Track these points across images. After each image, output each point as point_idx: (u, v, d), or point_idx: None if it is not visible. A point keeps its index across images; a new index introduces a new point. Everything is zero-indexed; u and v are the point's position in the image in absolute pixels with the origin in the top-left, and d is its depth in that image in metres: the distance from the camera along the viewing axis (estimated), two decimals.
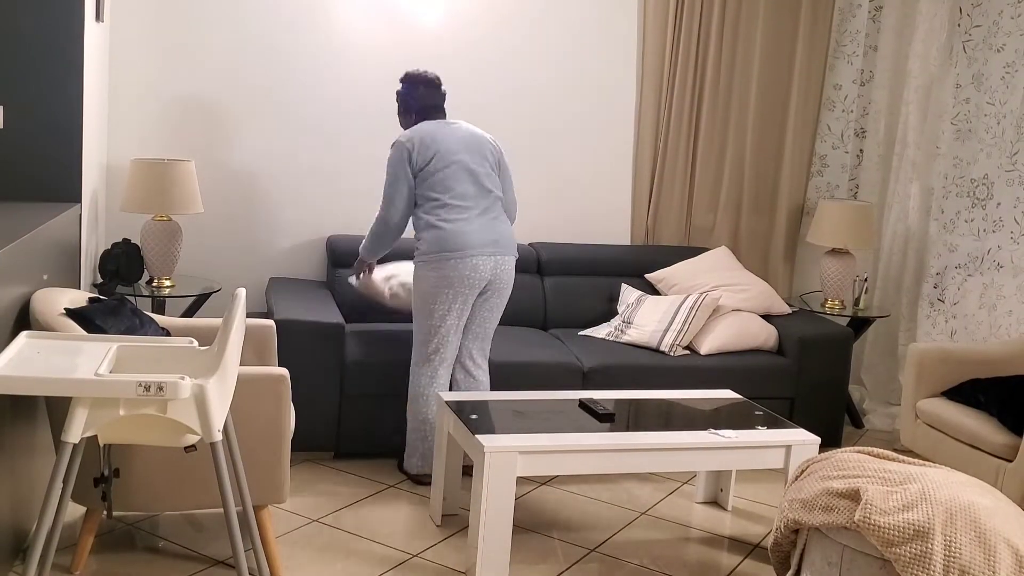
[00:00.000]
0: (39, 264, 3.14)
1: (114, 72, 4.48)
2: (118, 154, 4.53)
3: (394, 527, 3.53)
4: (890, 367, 5.37)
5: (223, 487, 2.59)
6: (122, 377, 2.36)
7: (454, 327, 3.82)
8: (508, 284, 3.90)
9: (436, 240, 3.76)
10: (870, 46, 5.40)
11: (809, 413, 4.55)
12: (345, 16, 4.72)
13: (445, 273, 3.74)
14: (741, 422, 3.51)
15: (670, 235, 5.28)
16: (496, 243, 3.81)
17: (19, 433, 2.92)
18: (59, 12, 3.61)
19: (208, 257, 4.71)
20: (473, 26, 4.90)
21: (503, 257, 3.83)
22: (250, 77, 4.64)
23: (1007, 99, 4.71)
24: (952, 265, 4.99)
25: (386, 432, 4.10)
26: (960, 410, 3.93)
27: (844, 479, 2.72)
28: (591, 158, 5.18)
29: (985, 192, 4.82)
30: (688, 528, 3.71)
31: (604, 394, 3.77)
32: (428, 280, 3.77)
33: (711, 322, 4.60)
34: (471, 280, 3.76)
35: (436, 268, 3.75)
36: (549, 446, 3.14)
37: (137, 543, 3.26)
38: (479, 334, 3.93)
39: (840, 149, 5.45)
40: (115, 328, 2.97)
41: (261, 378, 2.95)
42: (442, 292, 3.76)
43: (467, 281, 3.75)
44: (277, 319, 3.92)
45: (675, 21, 5.11)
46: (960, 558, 2.44)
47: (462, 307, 3.81)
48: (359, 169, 4.84)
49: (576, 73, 5.09)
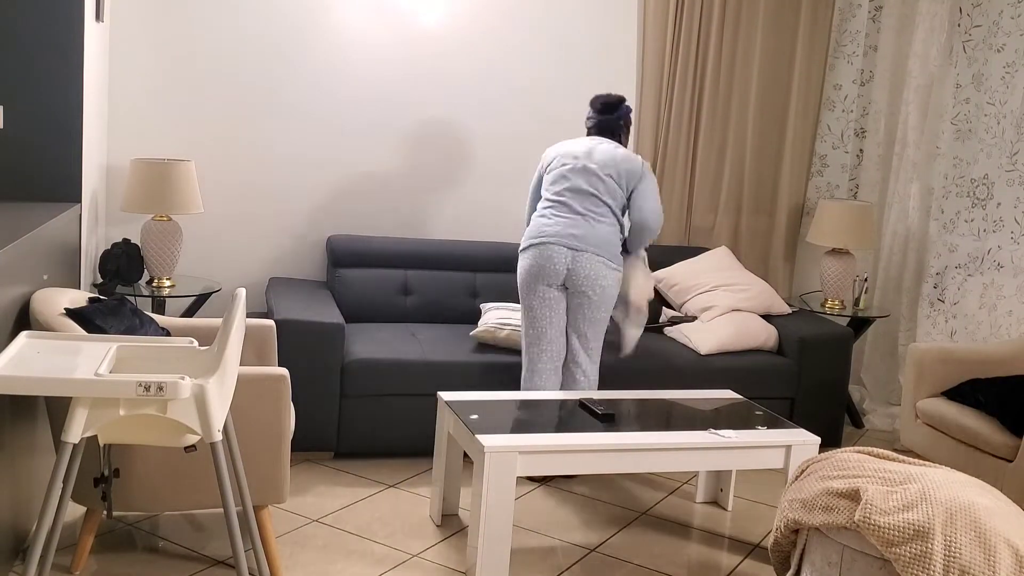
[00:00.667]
0: (39, 264, 3.14)
1: (114, 72, 4.48)
2: (118, 154, 4.53)
3: (394, 527, 3.53)
4: (890, 367, 5.37)
5: (223, 487, 2.58)
6: (122, 377, 2.36)
7: (548, 319, 3.95)
8: (589, 282, 3.89)
9: (528, 231, 3.99)
10: (870, 46, 5.40)
11: (809, 413, 4.56)
12: (345, 15, 4.72)
13: (530, 261, 3.93)
14: (741, 422, 3.51)
15: (670, 235, 5.28)
16: (578, 239, 3.89)
17: (19, 433, 2.92)
18: (59, 12, 3.61)
19: (208, 257, 4.71)
20: (473, 25, 4.90)
21: (583, 253, 3.88)
22: (250, 77, 4.64)
23: (1007, 99, 4.71)
24: (952, 265, 4.99)
25: (386, 432, 4.10)
26: (960, 410, 3.93)
27: (844, 479, 2.72)
28: None
29: (985, 192, 4.82)
30: (688, 528, 3.71)
31: (604, 394, 3.77)
32: (519, 268, 4.01)
33: (712, 322, 4.60)
34: (548, 269, 3.89)
35: (524, 256, 3.97)
36: (549, 446, 3.14)
37: (137, 543, 3.26)
38: (571, 331, 4.01)
39: (840, 149, 5.45)
40: (115, 328, 2.97)
41: (261, 378, 2.95)
42: (530, 280, 3.94)
43: (545, 270, 3.89)
44: (277, 319, 3.92)
45: (675, 21, 5.11)
46: (960, 558, 2.44)
47: (549, 297, 3.92)
48: (359, 169, 4.84)
49: (576, 73, 5.09)
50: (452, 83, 4.92)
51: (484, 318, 4.36)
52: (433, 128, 4.92)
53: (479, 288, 4.78)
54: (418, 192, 4.95)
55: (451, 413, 3.43)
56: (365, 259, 4.65)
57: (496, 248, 4.86)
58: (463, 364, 4.12)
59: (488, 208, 5.07)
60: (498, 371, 4.15)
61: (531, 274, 3.93)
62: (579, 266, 3.88)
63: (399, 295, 4.65)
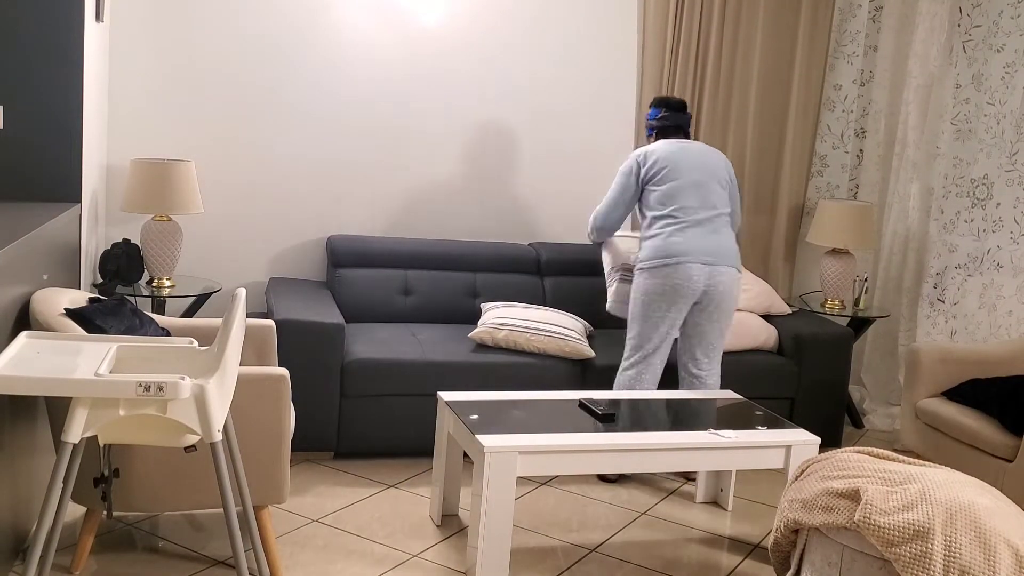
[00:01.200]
0: (39, 264, 3.14)
1: (114, 72, 4.48)
2: (118, 154, 4.53)
3: (394, 527, 3.53)
4: (890, 367, 5.37)
5: (223, 487, 2.58)
6: (122, 377, 2.36)
7: (666, 335, 3.97)
8: (727, 295, 3.97)
9: (655, 248, 3.93)
10: (870, 46, 5.40)
11: (809, 413, 4.56)
12: (345, 15, 4.72)
13: (660, 281, 3.89)
14: (741, 422, 3.51)
15: None
16: (712, 253, 3.92)
17: (19, 433, 2.92)
18: (59, 12, 3.61)
19: (208, 257, 4.71)
20: (473, 25, 4.90)
21: (719, 267, 3.92)
22: (250, 77, 4.64)
23: (1007, 99, 4.71)
24: (952, 265, 4.99)
25: (386, 432, 4.10)
26: (960, 410, 3.93)
27: (844, 479, 2.72)
28: (591, 158, 5.18)
29: (985, 192, 4.82)
30: (688, 528, 3.71)
31: (604, 394, 3.77)
32: (644, 287, 3.94)
33: None
34: (685, 289, 3.88)
35: (653, 275, 3.91)
36: (549, 446, 3.14)
37: (137, 543, 3.26)
38: (696, 343, 4.04)
39: (840, 149, 5.45)
40: (115, 328, 2.97)
41: (261, 378, 2.95)
42: (657, 299, 3.91)
43: (681, 289, 3.88)
44: (277, 319, 3.92)
45: (675, 21, 5.11)
46: (960, 558, 2.44)
47: (676, 316, 3.94)
48: (359, 169, 4.84)
49: (576, 72, 5.09)
50: (452, 83, 4.92)
51: (484, 318, 4.36)
52: (433, 128, 4.92)
53: (479, 288, 4.78)
54: (418, 192, 4.95)
55: (451, 413, 3.43)
56: (365, 259, 4.65)
57: (496, 248, 4.86)
58: (463, 364, 4.12)
59: (488, 208, 5.07)
60: (498, 371, 4.15)
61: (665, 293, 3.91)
62: (718, 281, 3.94)
63: (399, 295, 4.65)
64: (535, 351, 4.25)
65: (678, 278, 3.89)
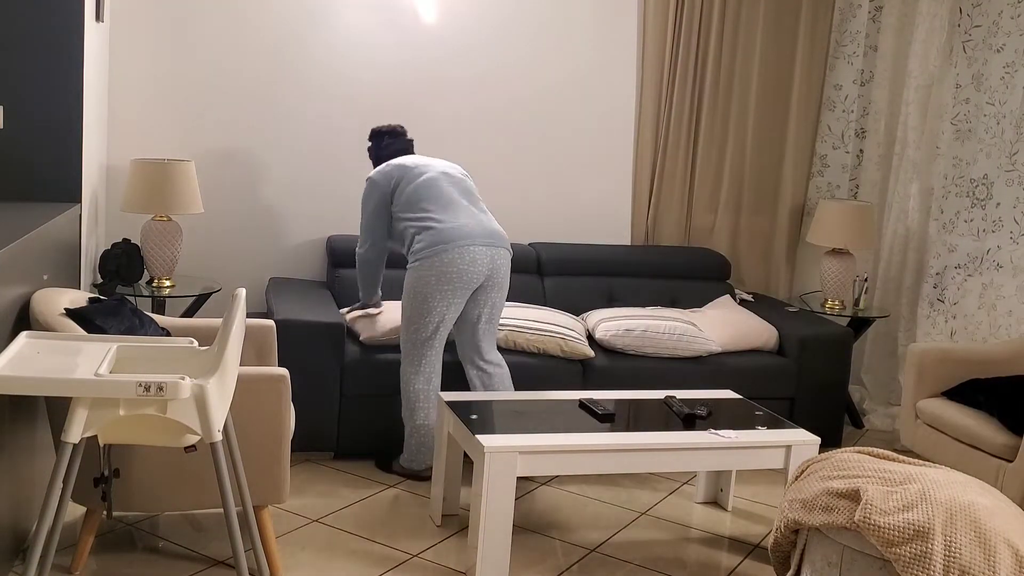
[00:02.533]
0: (39, 264, 3.14)
1: (114, 72, 4.48)
2: (118, 154, 4.53)
3: (394, 527, 3.53)
4: (890, 367, 5.37)
5: (223, 487, 2.58)
6: (122, 377, 2.36)
7: (448, 324, 3.83)
8: (506, 278, 3.90)
9: (432, 237, 3.76)
10: (870, 46, 5.40)
11: (809, 413, 4.55)
12: (345, 17, 4.72)
13: (443, 268, 3.73)
14: (741, 422, 3.51)
15: (670, 235, 5.28)
16: (492, 235, 3.83)
17: (19, 433, 2.92)
18: (59, 12, 3.61)
19: (208, 257, 4.71)
20: (473, 26, 4.90)
21: (499, 250, 3.85)
22: (250, 77, 4.64)
23: (1007, 99, 4.71)
24: (952, 265, 4.99)
25: (386, 432, 4.10)
26: (960, 410, 3.93)
27: (844, 479, 2.72)
28: (591, 158, 5.18)
29: (985, 192, 4.82)
30: (688, 528, 3.71)
31: (604, 394, 3.77)
32: (424, 278, 3.75)
33: (713, 322, 4.60)
34: (469, 273, 3.75)
35: (433, 264, 3.74)
36: (549, 446, 3.14)
37: (137, 543, 3.26)
38: (486, 331, 3.93)
39: (840, 149, 5.45)
40: (115, 328, 2.97)
41: (261, 378, 2.95)
42: (439, 288, 3.74)
43: (465, 274, 3.75)
44: (277, 319, 3.92)
45: (675, 21, 5.11)
46: (960, 558, 2.44)
47: (459, 303, 3.81)
48: (359, 169, 4.84)
49: (576, 73, 5.09)
50: (452, 83, 4.92)
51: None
52: (433, 128, 4.92)
53: None
54: None
55: (451, 413, 3.43)
56: None
57: None
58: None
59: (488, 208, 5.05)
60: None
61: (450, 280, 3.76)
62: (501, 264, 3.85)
63: (400, 295, 4.64)
64: (535, 351, 4.25)
65: (462, 262, 3.73)
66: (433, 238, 3.75)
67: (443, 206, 3.83)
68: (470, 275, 3.76)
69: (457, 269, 3.73)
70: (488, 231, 3.83)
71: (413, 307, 3.81)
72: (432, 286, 3.75)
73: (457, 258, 3.72)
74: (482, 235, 3.79)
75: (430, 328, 3.80)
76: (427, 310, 3.78)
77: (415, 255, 3.79)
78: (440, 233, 3.76)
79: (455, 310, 3.81)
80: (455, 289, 3.76)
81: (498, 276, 3.85)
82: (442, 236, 3.75)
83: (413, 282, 3.79)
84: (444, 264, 3.72)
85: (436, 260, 3.73)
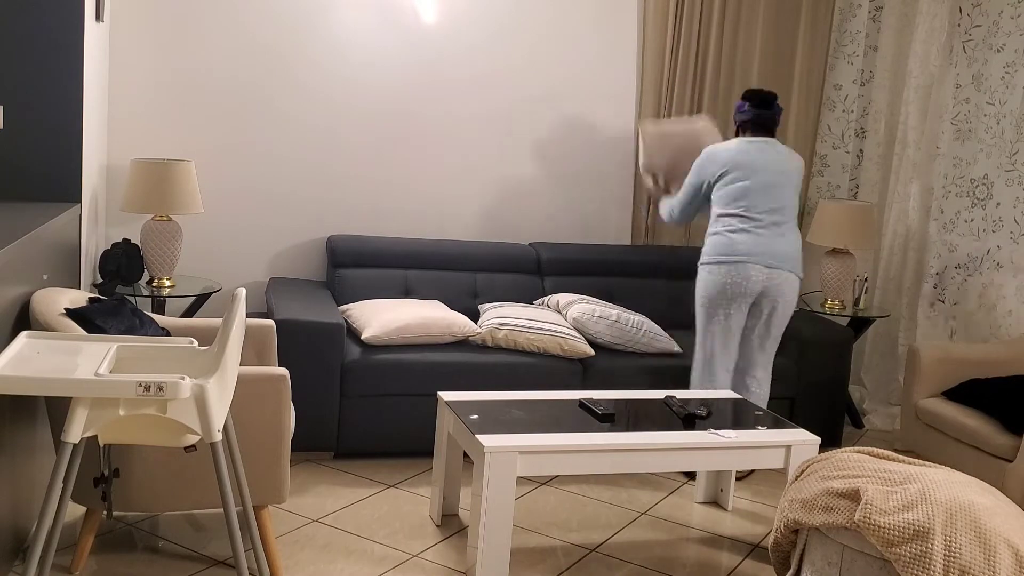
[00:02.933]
0: (39, 264, 3.14)
1: (114, 72, 4.48)
2: (118, 154, 4.53)
3: (394, 527, 3.53)
4: (890, 367, 5.37)
5: (223, 487, 2.58)
6: (122, 377, 2.36)
7: (728, 333, 4.03)
8: (786, 300, 4.05)
9: (717, 245, 4.00)
10: (870, 46, 5.40)
11: (809, 413, 4.56)
12: (345, 17, 4.72)
13: (720, 279, 3.96)
14: (741, 422, 3.52)
15: (670, 235, 5.28)
16: (775, 256, 3.98)
17: (19, 433, 2.92)
18: (59, 12, 3.61)
19: (208, 257, 4.71)
20: (474, 27, 4.90)
21: (779, 271, 4.00)
22: (250, 77, 4.64)
23: (1007, 99, 4.71)
24: (952, 265, 4.99)
25: (386, 432, 4.10)
26: (960, 410, 3.93)
27: (844, 479, 2.72)
28: (591, 158, 5.19)
29: (985, 192, 4.82)
30: (688, 528, 3.71)
31: (604, 394, 3.77)
32: (707, 283, 4.02)
33: None
34: (743, 288, 3.95)
35: (714, 272, 3.99)
36: (549, 446, 3.14)
37: (137, 543, 3.26)
38: (757, 346, 4.12)
39: (840, 149, 5.45)
40: (115, 328, 2.97)
41: (261, 378, 2.95)
42: (717, 297, 3.98)
43: (738, 288, 3.95)
44: (277, 319, 3.92)
45: (675, 21, 5.11)
46: (960, 558, 2.44)
47: (737, 314, 4.00)
48: (359, 169, 4.84)
49: (576, 73, 5.09)
50: (452, 84, 4.92)
51: (483, 318, 4.36)
52: (433, 128, 4.92)
53: (479, 288, 4.77)
54: (418, 192, 4.95)
55: (451, 413, 3.43)
56: (365, 259, 4.65)
57: (496, 248, 4.86)
58: (463, 364, 4.12)
59: (488, 208, 5.07)
60: (498, 371, 4.15)
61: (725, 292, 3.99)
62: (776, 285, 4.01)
63: (399, 295, 4.64)
64: (535, 351, 4.25)
65: (737, 277, 3.95)
66: (727, 247, 3.98)
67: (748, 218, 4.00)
68: (745, 289, 3.97)
69: (732, 282, 3.96)
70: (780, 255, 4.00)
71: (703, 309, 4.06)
72: (713, 294, 4.00)
73: (735, 272, 3.95)
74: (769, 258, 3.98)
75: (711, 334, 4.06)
76: (708, 316, 4.03)
77: (707, 256, 4.03)
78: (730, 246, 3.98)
79: (734, 322, 4.03)
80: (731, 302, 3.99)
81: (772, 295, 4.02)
82: (734, 248, 3.97)
83: (700, 285, 4.06)
84: (723, 275, 3.97)
85: (721, 270, 3.97)
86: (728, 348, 4.07)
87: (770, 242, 3.99)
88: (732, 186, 4.04)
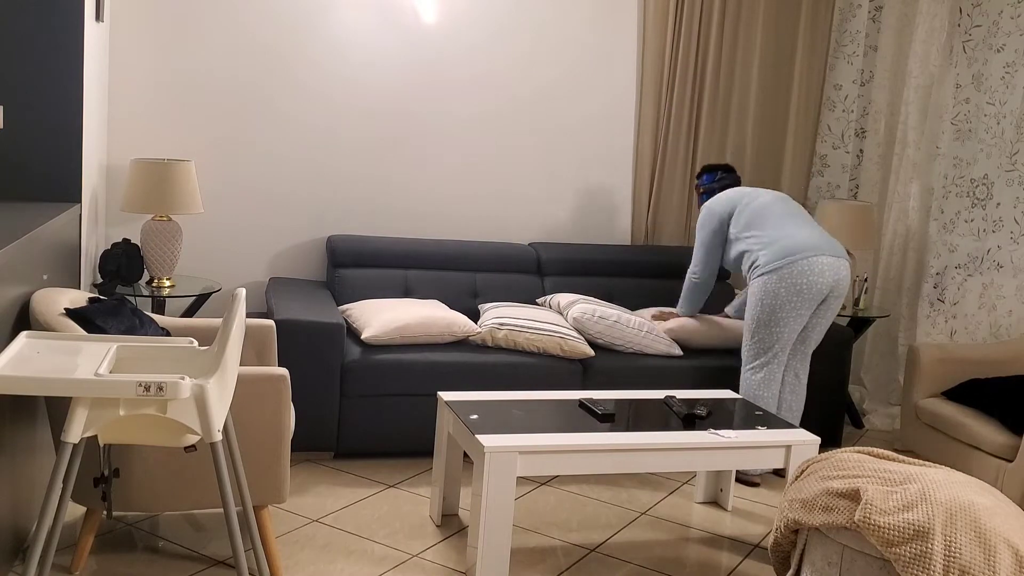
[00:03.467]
0: (39, 264, 3.14)
1: (114, 72, 4.48)
2: (118, 154, 4.53)
3: (394, 527, 3.53)
4: (890, 367, 5.37)
5: (223, 487, 2.58)
6: (122, 377, 2.36)
7: (793, 335, 4.01)
8: (845, 290, 4.06)
9: (777, 251, 3.96)
10: (870, 46, 5.40)
11: (809, 413, 4.55)
12: (345, 17, 4.72)
13: (793, 280, 3.92)
14: (741, 422, 3.52)
15: (670, 235, 5.28)
16: (833, 247, 4.00)
17: (19, 433, 2.92)
18: (59, 12, 3.61)
19: (208, 257, 4.71)
20: (473, 27, 4.91)
21: (840, 260, 4.00)
22: (250, 77, 4.64)
23: (1007, 99, 4.71)
24: (952, 265, 4.99)
25: (386, 432, 4.10)
26: (960, 410, 3.93)
27: (844, 479, 2.72)
28: (591, 158, 5.19)
29: (985, 192, 4.83)
30: (688, 528, 3.71)
31: (604, 394, 3.77)
32: (774, 291, 3.95)
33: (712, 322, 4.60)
34: (819, 284, 3.93)
35: (783, 276, 3.93)
36: (549, 446, 3.14)
37: (137, 543, 3.26)
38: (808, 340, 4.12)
39: (840, 149, 5.45)
40: (115, 328, 2.97)
41: (261, 378, 2.95)
42: (790, 300, 3.94)
43: (815, 286, 3.93)
44: (277, 319, 3.92)
45: (675, 21, 5.11)
46: (960, 558, 2.44)
47: (806, 315, 3.98)
48: (359, 169, 4.84)
49: (576, 73, 5.09)
50: (451, 84, 4.92)
51: (483, 318, 4.36)
52: (433, 128, 4.92)
53: (479, 288, 4.78)
54: (418, 192, 4.95)
55: (451, 413, 3.43)
56: (365, 259, 4.65)
57: (496, 248, 4.86)
58: (463, 364, 4.12)
59: (488, 208, 5.07)
60: (498, 371, 4.15)
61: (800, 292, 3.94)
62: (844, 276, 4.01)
63: (399, 295, 4.65)
64: (535, 351, 4.25)
65: (811, 274, 3.92)
66: (778, 252, 3.95)
67: (783, 224, 4.04)
68: (819, 286, 3.93)
69: (808, 281, 3.91)
70: (830, 243, 4.00)
71: (760, 319, 4.00)
72: (783, 298, 3.94)
73: (807, 269, 3.91)
74: (827, 246, 3.97)
75: (776, 338, 4.00)
76: (775, 321, 3.97)
77: (762, 268, 3.98)
78: (787, 247, 3.96)
79: (801, 322, 3.98)
80: (803, 301, 3.93)
81: (840, 287, 4.01)
82: (789, 249, 3.95)
83: (762, 295, 3.98)
84: (795, 276, 3.92)
85: (786, 272, 3.92)
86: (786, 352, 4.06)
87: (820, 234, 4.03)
88: (748, 210, 4.12)
